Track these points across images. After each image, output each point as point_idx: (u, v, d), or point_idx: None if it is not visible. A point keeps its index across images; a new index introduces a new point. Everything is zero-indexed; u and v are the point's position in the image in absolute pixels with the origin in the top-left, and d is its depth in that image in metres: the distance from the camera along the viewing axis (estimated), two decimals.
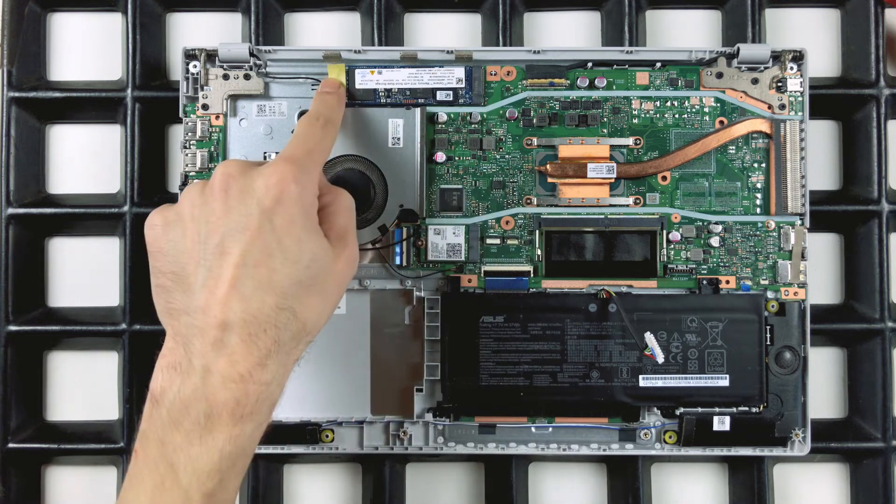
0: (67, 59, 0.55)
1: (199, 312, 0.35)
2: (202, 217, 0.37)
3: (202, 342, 0.35)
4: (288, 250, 0.36)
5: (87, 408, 0.54)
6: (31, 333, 0.53)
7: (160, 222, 0.38)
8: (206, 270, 0.36)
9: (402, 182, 0.49)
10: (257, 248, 0.35)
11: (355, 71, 0.49)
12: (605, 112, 0.50)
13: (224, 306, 0.35)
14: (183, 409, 0.35)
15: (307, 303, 0.37)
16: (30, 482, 0.53)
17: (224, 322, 0.35)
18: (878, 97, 0.52)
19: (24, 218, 0.53)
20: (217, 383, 0.34)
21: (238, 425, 0.35)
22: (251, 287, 0.35)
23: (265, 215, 0.36)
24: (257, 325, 0.35)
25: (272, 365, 0.35)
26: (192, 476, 0.34)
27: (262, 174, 0.37)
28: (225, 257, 0.35)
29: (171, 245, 0.37)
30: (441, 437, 0.49)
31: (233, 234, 0.36)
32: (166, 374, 0.36)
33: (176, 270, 0.37)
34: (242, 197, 0.36)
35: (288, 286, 0.36)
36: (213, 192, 0.37)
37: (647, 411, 0.49)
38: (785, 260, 0.49)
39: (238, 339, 0.35)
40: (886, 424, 0.51)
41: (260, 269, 0.35)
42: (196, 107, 0.49)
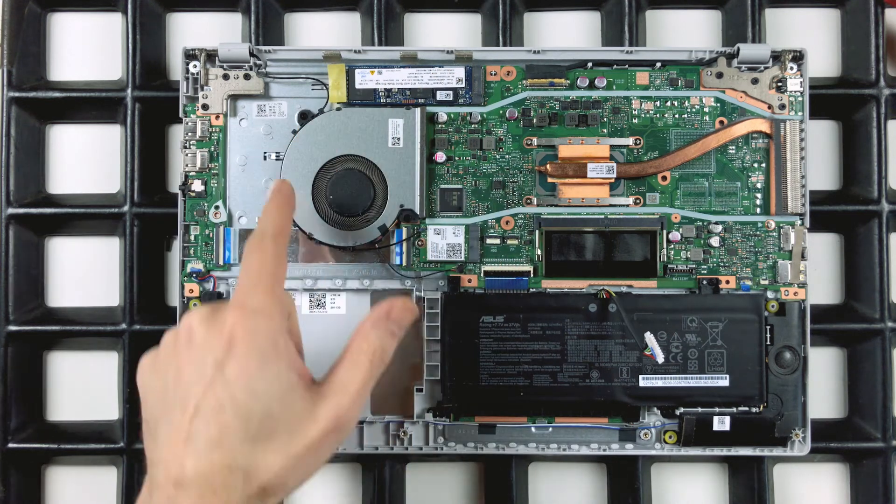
0: (67, 59, 0.55)
1: (160, 466, 0.34)
2: (170, 369, 0.35)
3: (161, 498, 0.33)
4: (239, 404, 0.33)
5: (87, 408, 0.54)
6: (30, 333, 0.53)
7: (147, 368, 0.37)
8: (167, 424, 0.34)
9: (402, 182, 0.49)
10: (209, 403, 0.34)
11: (355, 71, 0.49)
12: (605, 112, 0.50)
13: (178, 463, 0.33)
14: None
15: (263, 462, 0.34)
16: (30, 482, 0.53)
17: (177, 479, 0.33)
18: (878, 97, 0.52)
19: (24, 218, 0.53)
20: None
21: None
22: (203, 444, 0.33)
23: (218, 367, 0.34)
24: (207, 486, 0.33)
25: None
26: None
27: (214, 324, 0.35)
28: (183, 413, 0.34)
29: (151, 393, 0.36)
30: (441, 437, 0.49)
31: (191, 386, 0.34)
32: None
33: (149, 420, 0.36)
34: (199, 351, 0.35)
35: (238, 443, 0.33)
36: (179, 343, 0.36)
37: (647, 411, 0.49)
38: (785, 260, 0.49)
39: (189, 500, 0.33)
40: (886, 424, 0.51)
41: (210, 426, 0.33)
42: (196, 107, 0.49)
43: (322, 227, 0.49)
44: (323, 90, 0.50)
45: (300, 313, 0.50)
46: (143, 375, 0.37)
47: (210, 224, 0.49)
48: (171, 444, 0.34)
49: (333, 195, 0.48)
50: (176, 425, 0.34)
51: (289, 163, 0.49)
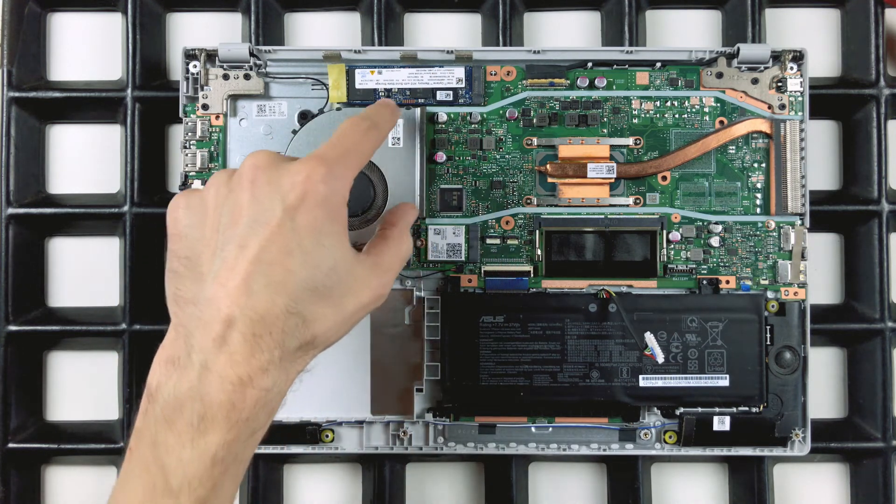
0: (67, 59, 0.55)
1: (206, 304, 0.33)
2: (225, 206, 0.35)
3: (204, 336, 0.33)
4: (308, 252, 0.34)
5: (87, 408, 0.54)
6: (31, 333, 0.53)
7: (183, 205, 0.36)
8: (220, 261, 0.34)
9: (402, 182, 0.49)
10: (276, 246, 0.33)
11: (355, 71, 0.49)
12: (605, 112, 0.50)
13: (232, 300, 0.33)
14: (177, 408, 0.33)
15: (319, 312, 0.34)
16: (30, 482, 0.53)
17: (229, 318, 0.33)
18: (878, 97, 0.52)
19: (24, 218, 0.53)
20: (214, 383, 0.32)
21: (233, 430, 0.33)
22: (262, 284, 0.33)
23: (288, 213, 0.34)
24: (263, 326, 0.33)
25: (273, 371, 0.33)
26: (183, 481, 0.32)
27: (289, 170, 0.35)
28: (242, 250, 0.33)
29: (189, 230, 0.36)
30: (441, 437, 0.49)
31: (253, 227, 0.34)
32: (163, 368, 0.34)
33: (190, 256, 0.35)
34: (268, 191, 0.34)
35: (301, 290, 0.34)
36: (241, 181, 0.35)
37: (647, 411, 0.49)
38: (785, 260, 0.49)
39: (241, 338, 0.33)
40: (886, 424, 0.51)
41: (275, 268, 0.33)
42: (196, 107, 0.49)
43: None
44: (323, 90, 0.50)
45: None
46: (176, 210, 0.36)
47: None
48: (221, 282, 0.33)
49: None
50: (229, 263, 0.33)
51: None
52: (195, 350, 0.33)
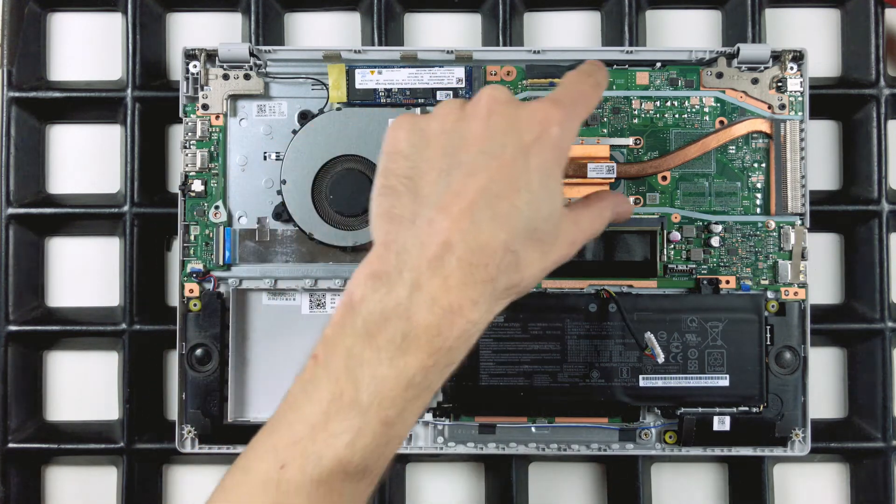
0: (67, 59, 0.55)
1: (425, 223, 0.32)
2: (456, 132, 0.34)
3: (419, 255, 0.32)
4: (534, 193, 0.33)
5: (87, 408, 0.54)
6: (30, 333, 0.53)
7: (407, 126, 0.35)
8: (445, 185, 0.33)
9: None
10: (506, 180, 0.33)
11: (355, 71, 0.49)
12: (605, 112, 0.50)
13: (454, 225, 0.32)
14: (381, 323, 0.32)
15: (531, 256, 0.34)
16: (30, 482, 0.53)
17: (449, 241, 0.32)
18: (878, 97, 0.52)
19: (24, 218, 0.53)
20: (424, 304, 0.32)
21: (433, 356, 0.32)
22: (487, 216, 0.32)
23: (522, 150, 0.33)
24: (481, 256, 0.32)
25: (482, 305, 0.32)
26: (374, 398, 0.32)
27: (528, 108, 0.34)
28: (470, 177, 0.33)
29: (413, 150, 0.35)
30: (441, 437, 0.49)
31: (485, 157, 0.33)
32: (369, 281, 0.32)
33: (412, 176, 0.34)
34: (504, 125, 0.34)
35: (522, 229, 0.33)
36: (476, 111, 0.34)
37: (647, 411, 0.49)
38: (785, 260, 0.49)
39: (457, 264, 0.32)
40: (886, 424, 0.51)
41: (502, 201, 0.32)
42: (196, 107, 0.49)
43: (322, 227, 0.49)
44: (323, 90, 0.50)
45: (300, 313, 0.50)
46: (399, 130, 0.35)
47: (210, 224, 0.49)
48: (445, 205, 0.32)
49: (333, 195, 0.48)
50: (455, 188, 0.33)
51: (289, 163, 0.49)
52: (407, 268, 0.32)
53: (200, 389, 0.49)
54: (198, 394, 0.49)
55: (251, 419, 0.49)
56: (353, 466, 0.32)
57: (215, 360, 0.49)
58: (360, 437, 0.32)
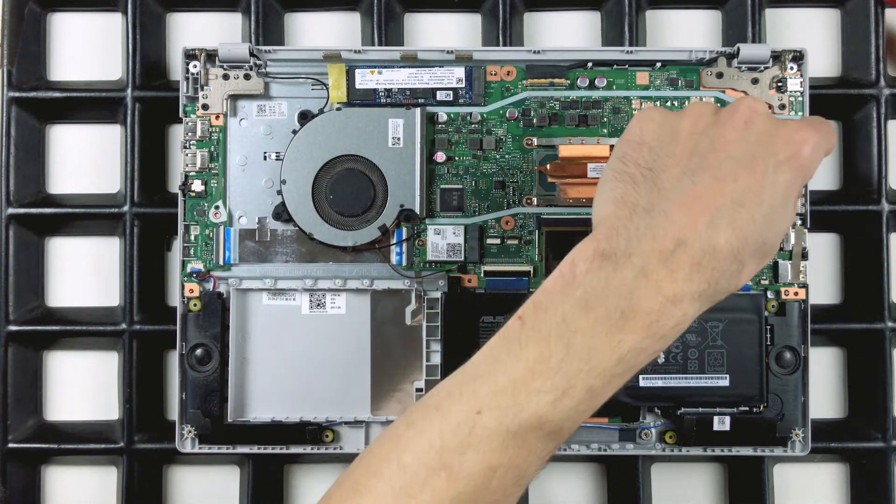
0: (67, 59, 0.55)
1: (662, 216, 0.33)
2: (708, 133, 0.35)
3: (652, 244, 0.33)
4: (774, 208, 0.34)
5: (87, 408, 0.54)
6: (30, 333, 0.53)
7: (658, 119, 0.36)
8: (689, 182, 0.34)
9: (402, 182, 0.49)
10: (751, 191, 0.34)
11: (355, 71, 0.49)
12: (605, 112, 0.50)
13: (691, 224, 0.33)
14: (602, 297, 0.33)
15: (750, 267, 0.35)
16: (30, 482, 0.53)
17: (683, 239, 0.33)
18: (878, 97, 0.52)
19: (24, 218, 0.53)
20: (649, 290, 0.33)
21: (647, 340, 0.33)
22: (725, 222, 0.33)
23: (773, 166, 0.34)
24: (710, 259, 0.33)
25: (699, 303, 0.34)
26: (584, 365, 0.33)
27: (786, 126, 0.35)
28: (716, 182, 0.34)
29: (659, 143, 0.36)
30: None
31: (735, 164, 0.34)
32: (596, 258, 0.34)
33: (654, 168, 0.35)
34: (761, 138, 0.35)
35: (753, 242, 0.34)
36: (734, 118, 0.35)
37: (647, 411, 0.49)
38: (785, 260, 0.49)
39: (688, 261, 0.33)
40: (886, 424, 0.51)
41: (742, 211, 0.33)
42: (196, 107, 0.49)
43: (322, 227, 0.49)
44: (323, 90, 0.50)
45: (300, 313, 0.50)
46: (647, 122, 0.36)
47: (210, 224, 0.49)
48: (686, 203, 0.33)
49: (333, 195, 0.48)
50: (699, 188, 0.34)
51: (289, 163, 0.49)
52: (637, 254, 0.33)
53: (200, 389, 0.49)
54: (198, 394, 0.49)
55: (251, 419, 0.49)
56: (550, 425, 0.33)
57: (215, 360, 0.49)
58: (563, 398, 0.33)
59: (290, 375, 0.50)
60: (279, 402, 0.49)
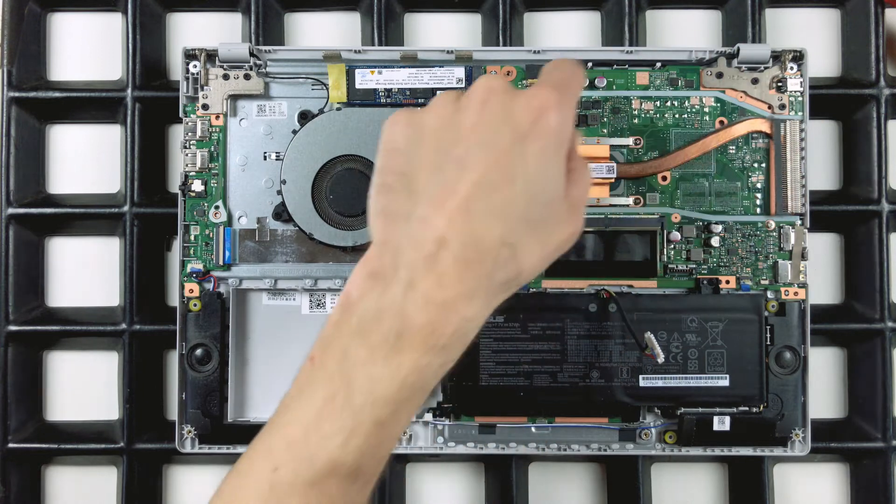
0: (67, 59, 0.55)
1: (419, 221, 0.32)
2: (450, 125, 0.33)
3: (414, 253, 0.32)
4: (531, 182, 0.32)
5: (87, 408, 0.54)
6: (30, 333, 0.53)
7: (403, 121, 0.35)
8: (439, 180, 0.32)
9: None
10: (500, 170, 0.32)
11: (355, 71, 0.49)
12: (605, 112, 0.50)
13: (448, 221, 0.31)
14: (375, 321, 0.32)
15: (529, 247, 0.33)
16: (30, 482, 0.53)
17: (443, 238, 0.31)
18: (878, 97, 0.52)
19: (24, 218, 0.53)
20: (418, 302, 0.31)
21: (427, 355, 0.32)
22: (482, 210, 0.31)
23: (518, 139, 0.32)
24: (476, 252, 0.31)
25: (478, 301, 0.32)
26: (367, 398, 0.31)
27: (524, 94, 0.33)
28: (463, 171, 0.32)
29: (408, 145, 0.34)
30: (441, 437, 0.49)
31: (479, 149, 0.32)
32: (366, 281, 0.32)
33: (406, 172, 0.34)
34: (499, 114, 0.33)
35: (518, 221, 0.32)
36: (470, 102, 0.33)
37: (646, 411, 0.49)
38: (785, 260, 0.49)
39: (452, 261, 0.31)
40: (886, 424, 0.51)
41: (496, 194, 0.32)
42: (196, 107, 0.49)
43: (322, 227, 0.49)
44: (323, 90, 0.50)
45: (300, 313, 0.50)
46: (396, 125, 0.35)
47: (210, 224, 0.49)
48: (439, 201, 0.32)
49: (333, 195, 0.49)
50: (448, 183, 0.32)
51: (289, 163, 0.49)
52: (402, 266, 0.32)
53: (200, 389, 0.49)
54: (198, 394, 0.49)
55: (251, 419, 0.49)
56: (345, 468, 0.32)
57: (215, 360, 0.49)
58: (352, 437, 0.32)
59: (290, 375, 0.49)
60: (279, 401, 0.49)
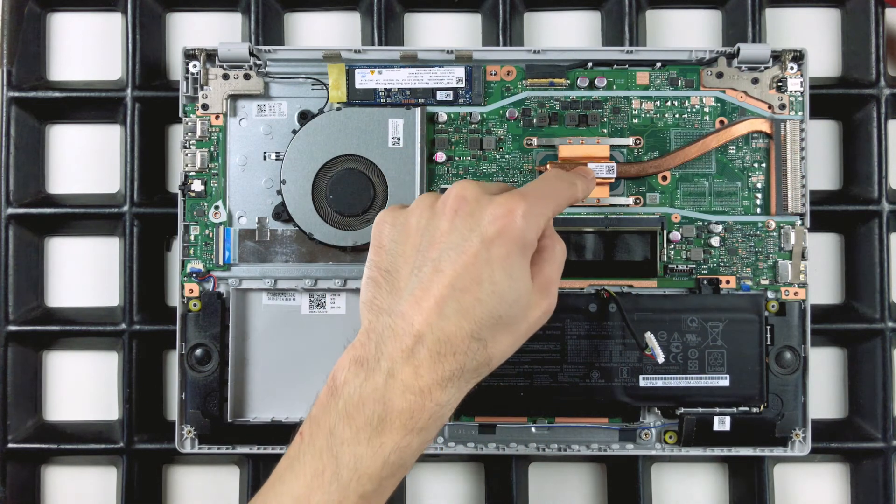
0: (67, 59, 0.55)
1: (399, 317, 0.36)
2: (427, 229, 0.38)
3: (394, 346, 0.36)
4: (497, 284, 0.36)
5: (87, 408, 0.54)
6: (30, 333, 0.53)
7: (389, 221, 0.39)
8: (416, 280, 0.36)
9: (402, 182, 0.49)
10: (469, 274, 0.36)
11: (355, 71, 0.49)
12: (605, 112, 0.50)
13: (424, 319, 0.35)
14: (359, 405, 0.35)
15: (498, 339, 0.37)
16: (30, 482, 0.53)
17: (420, 334, 0.35)
18: (878, 97, 0.52)
19: (24, 218, 0.53)
20: (397, 390, 0.35)
21: (407, 437, 0.35)
22: (453, 310, 0.35)
23: (484, 244, 0.36)
24: (448, 347, 0.35)
25: (451, 388, 0.36)
26: (353, 474, 0.35)
27: (491, 203, 0.37)
28: (437, 274, 0.36)
29: (392, 245, 0.38)
30: (441, 437, 0.49)
31: (450, 254, 0.36)
32: (352, 367, 0.36)
33: (390, 269, 0.38)
34: (468, 221, 0.37)
35: (486, 319, 0.36)
36: (444, 209, 0.38)
37: (647, 411, 0.49)
38: (785, 260, 0.49)
39: (427, 354, 0.35)
40: (886, 424, 0.51)
41: (466, 295, 0.36)
42: (196, 107, 0.49)
43: (322, 227, 0.49)
44: (323, 90, 0.50)
45: (300, 313, 0.50)
46: (383, 225, 0.39)
47: (210, 224, 0.49)
48: (416, 300, 0.36)
49: (333, 195, 0.48)
50: (424, 283, 0.36)
51: (289, 163, 0.49)
52: (384, 357, 0.36)
53: (200, 389, 0.49)
54: (198, 394, 0.49)
55: (251, 419, 0.49)
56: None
57: (215, 360, 0.49)
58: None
59: (290, 375, 0.50)
60: (279, 402, 0.49)
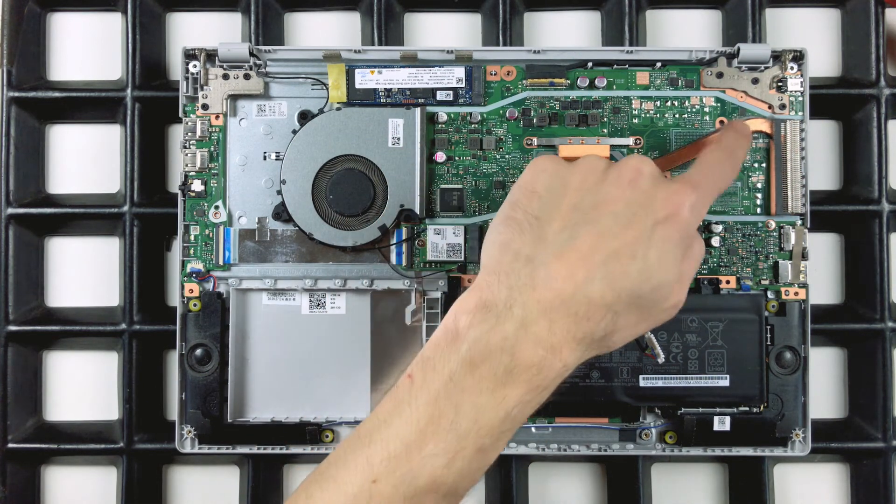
0: (67, 59, 0.55)
1: (542, 266, 0.35)
2: (594, 191, 0.37)
3: (530, 295, 0.34)
4: (649, 263, 0.35)
5: (87, 408, 0.54)
6: (30, 333, 0.53)
7: (550, 169, 0.38)
8: (569, 236, 0.35)
9: (402, 182, 0.49)
10: (628, 247, 0.35)
11: (355, 71, 0.49)
12: (605, 112, 0.50)
13: (569, 276, 0.34)
14: (485, 353, 0.34)
15: (628, 319, 0.36)
16: (29, 482, 0.53)
17: (562, 290, 0.34)
18: (878, 97, 0.52)
19: (24, 218, 0.53)
20: (529, 342, 0.34)
21: (530, 393, 0.34)
22: (600, 275, 0.35)
23: (651, 224, 0.36)
24: (586, 310, 0.34)
25: (578, 351, 0.35)
26: (473, 425, 0.34)
27: (666, 187, 0.37)
28: (594, 237, 0.35)
29: (548, 194, 0.37)
30: None
31: (614, 221, 0.35)
32: (479, 312, 0.35)
33: (540, 217, 0.36)
34: (643, 197, 0.36)
35: (627, 294, 0.35)
36: (619, 177, 0.37)
37: (647, 411, 0.49)
38: (785, 260, 0.49)
39: (565, 312, 0.34)
40: (886, 424, 0.51)
41: (617, 265, 0.35)
42: (196, 107, 0.49)
43: (322, 227, 0.49)
44: (323, 90, 0.50)
45: (300, 313, 0.50)
46: (541, 172, 0.38)
47: (210, 224, 0.49)
48: (565, 256, 0.35)
49: (333, 195, 0.48)
50: (580, 244, 0.35)
51: (289, 163, 0.49)
52: (517, 304, 0.34)
53: (200, 389, 0.49)
54: (198, 394, 0.49)
55: (251, 419, 0.49)
56: (445, 488, 0.34)
57: (215, 360, 0.49)
58: (456, 460, 0.34)
59: (290, 375, 0.50)
60: (279, 402, 0.49)
